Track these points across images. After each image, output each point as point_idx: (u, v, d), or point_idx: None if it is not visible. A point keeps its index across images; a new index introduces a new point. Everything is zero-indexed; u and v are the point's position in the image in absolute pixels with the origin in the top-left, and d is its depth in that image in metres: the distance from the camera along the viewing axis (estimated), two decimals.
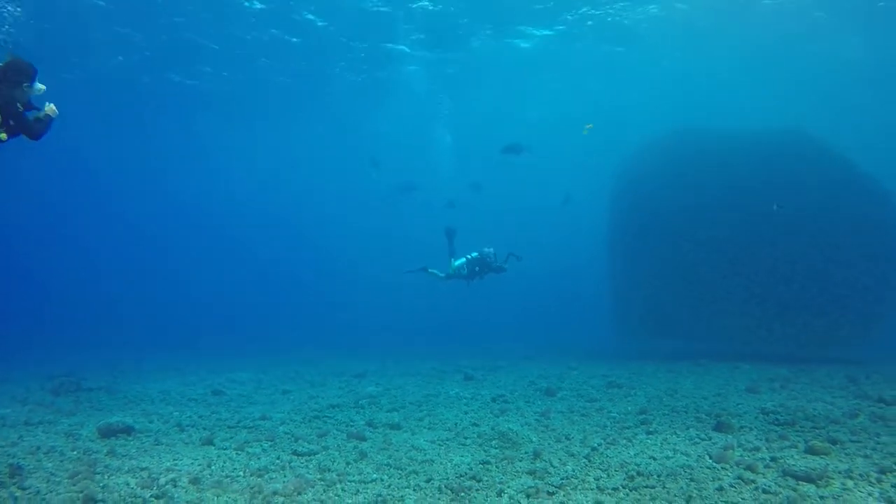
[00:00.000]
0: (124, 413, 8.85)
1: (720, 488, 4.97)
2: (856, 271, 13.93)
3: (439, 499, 4.94)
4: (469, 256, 13.47)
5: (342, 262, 50.74)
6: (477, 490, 5.13)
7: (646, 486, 5.08)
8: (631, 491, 5.00)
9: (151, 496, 5.04)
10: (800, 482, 5.04)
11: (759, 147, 15.30)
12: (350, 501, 4.89)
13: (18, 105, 5.74)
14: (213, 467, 5.91)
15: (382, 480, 5.46)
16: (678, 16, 22.33)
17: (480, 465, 5.87)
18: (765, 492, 4.85)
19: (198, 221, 50.19)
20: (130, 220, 48.10)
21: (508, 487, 5.17)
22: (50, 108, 6.08)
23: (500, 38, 24.90)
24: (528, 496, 4.93)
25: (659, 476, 5.35)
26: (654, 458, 5.94)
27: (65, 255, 45.21)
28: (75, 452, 6.49)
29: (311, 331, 29.61)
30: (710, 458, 5.87)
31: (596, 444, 6.52)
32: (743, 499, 4.72)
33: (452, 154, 38.00)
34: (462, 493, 5.05)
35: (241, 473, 5.70)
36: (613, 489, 5.05)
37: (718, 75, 27.21)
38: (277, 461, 6.11)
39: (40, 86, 5.87)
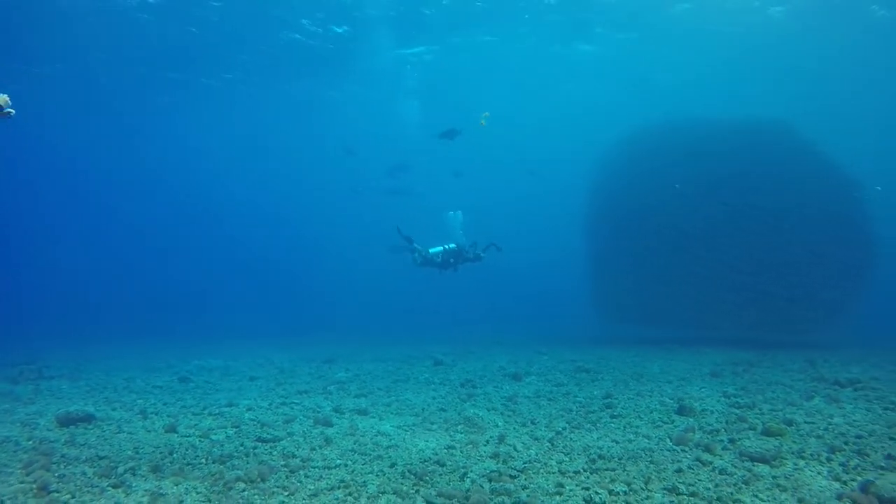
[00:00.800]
0: (86, 401, 8.71)
1: (679, 470, 5.06)
2: (826, 262, 14.23)
3: (402, 483, 4.94)
4: (446, 247, 13.31)
5: (319, 249, 50.50)
6: (440, 475, 5.15)
7: (606, 469, 5.15)
8: (592, 474, 5.07)
9: (109, 485, 4.97)
10: (755, 463, 5.16)
11: (740, 140, 15.43)
12: (312, 487, 4.88)
13: None
14: (174, 455, 5.84)
15: (346, 466, 5.45)
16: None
17: (445, 450, 5.90)
18: (721, 473, 4.95)
19: (172, 209, 49.35)
20: (103, 208, 47.20)
21: (472, 472, 5.20)
22: (3, 98, 5.24)
23: (468, 33, 24.87)
24: (490, 480, 4.96)
25: (620, 459, 5.43)
26: (617, 442, 6.02)
27: (34, 243, 44.12)
28: (31, 442, 6.35)
29: (285, 318, 29.42)
30: (671, 440, 5.98)
31: (560, 429, 6.59)
32: (699, 480, 4.81)
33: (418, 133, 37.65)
34: (426, 478, 5.06)
35: (204, 461, 5.64)
36: (575, 472, 5.11)
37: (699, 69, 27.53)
38: (241, 448, 6.06)
39: None
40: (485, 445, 6.03)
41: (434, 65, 27.97)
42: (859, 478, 4.70)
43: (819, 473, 4.86)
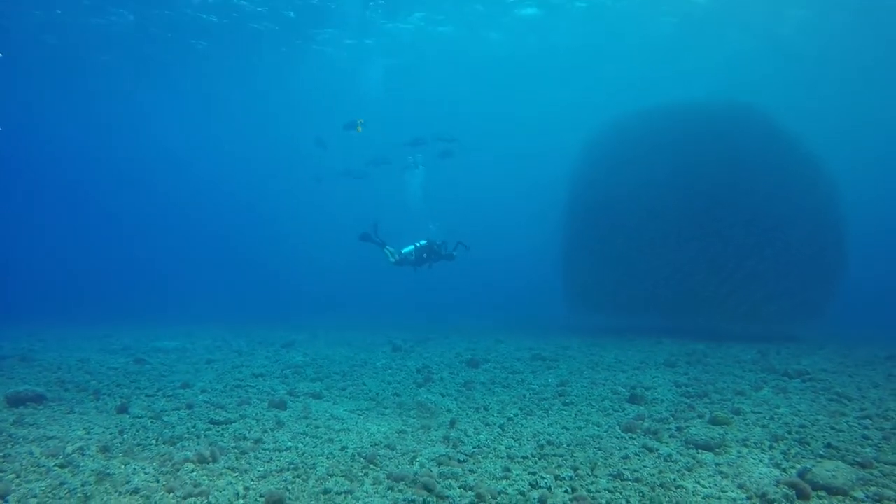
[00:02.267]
0: (37, 381, 8.52)
1: (625, 457, 5.17)
2: (802, 258, 14.41)
3: (352, 466, 4.96)
4: (417, 244, 13.31)
5: (287, 235, 50.01)
6: (390, 458, 5.18)
7: (554, 455, 5.23)
8: (539, 459, 5.14)
9: (56, 465, 4.89)
10: (700, 450, 5.30)
11: (714, 127, 15.35)
12: (262, 469, 4.86)
13: None
14: (125, 435, 5.77)
15: (297, 448, 5.45)
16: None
17: (397, 434, 5.93)
18: (666, 460, 5.07)
19: (137, 190, 48.25)
20: (67, 192, 45.99)
21: (421, 455, 5.24)
22: None
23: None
24: (439, 464, 5.00)
25: (568, 445, 5.52)
26: (567, 429, 6.12)
27: None
28: None
29: (248, 303, 29.15)
30: (620, 428, 6.09)
31: (512, 415, 6.67)
32: (644, 466, 4.92)
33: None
34: (375, 461, 5.08)
35: (154, 442, 5.59)
36: (523, 457, 5.18)
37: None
38: (193, 429, 6.01)
39: None
40: (436, 430, 6.08)
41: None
42: (798, 465, 4.84)
43: (761, 461, 5.00)
